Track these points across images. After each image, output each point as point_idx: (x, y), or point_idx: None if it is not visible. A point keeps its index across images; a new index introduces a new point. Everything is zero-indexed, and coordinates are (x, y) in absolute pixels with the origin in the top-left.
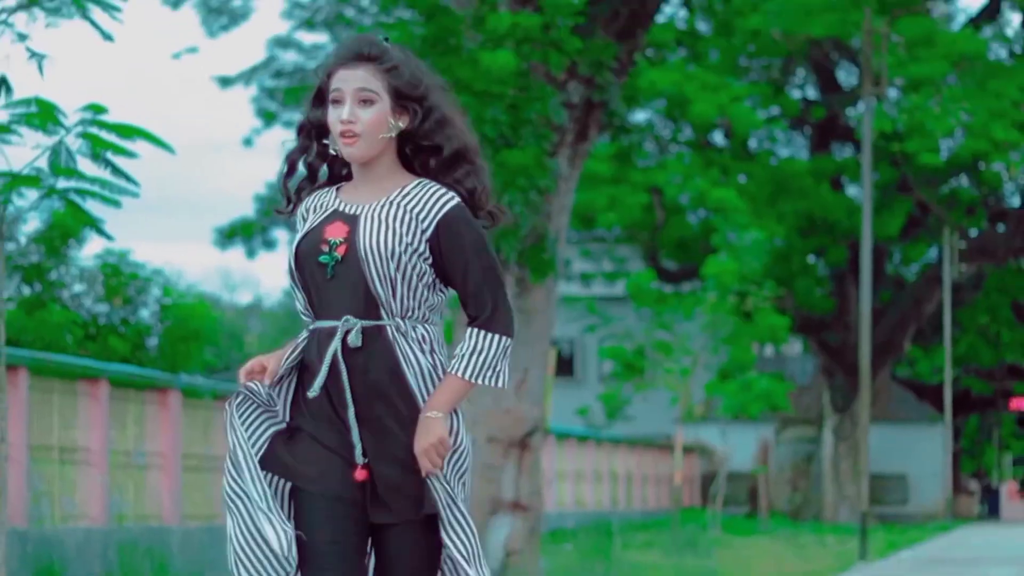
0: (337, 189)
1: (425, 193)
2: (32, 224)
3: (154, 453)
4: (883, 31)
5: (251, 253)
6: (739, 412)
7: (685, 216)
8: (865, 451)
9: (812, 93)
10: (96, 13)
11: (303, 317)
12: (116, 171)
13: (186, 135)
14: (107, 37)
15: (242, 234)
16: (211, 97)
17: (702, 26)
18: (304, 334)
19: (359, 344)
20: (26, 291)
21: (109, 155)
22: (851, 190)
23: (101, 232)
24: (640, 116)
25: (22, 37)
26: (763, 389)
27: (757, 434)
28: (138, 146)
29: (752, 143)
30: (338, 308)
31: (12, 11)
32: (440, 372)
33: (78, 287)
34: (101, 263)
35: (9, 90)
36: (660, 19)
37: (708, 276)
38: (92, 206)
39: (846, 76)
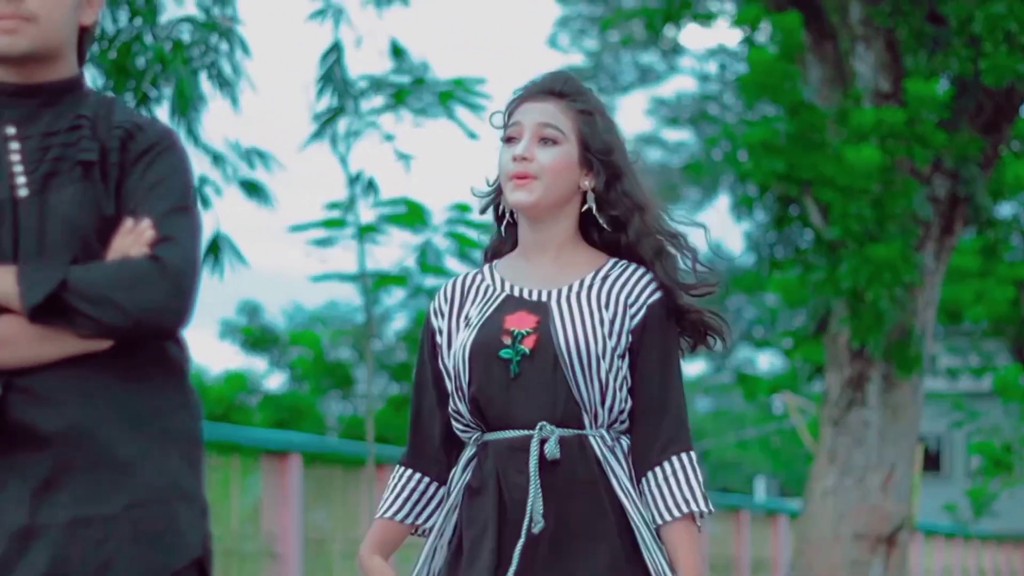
0: (490, 269)
1: (632, 275)
2: (399, 322)
3: None
4: None
5: None
6: None
7: None
8: None
9: None
10: (461, 112)
11: (459, 431)
12: None
13: None
14: (472, 135)
15: None
16: None
17: None
18: (469, 452)
19: (557, 456)
20: (394, 389)
21: (476, 253)
22: None
23: None
24: (1006, 210)
25: (389, 138)
26: None
27: None
28: None
29: None
30: (525, 414)
31: (380, 112)
32: (636, 492)
33: None
34: None
35: (376, 190)
36: None
37: None
38: None
39: None
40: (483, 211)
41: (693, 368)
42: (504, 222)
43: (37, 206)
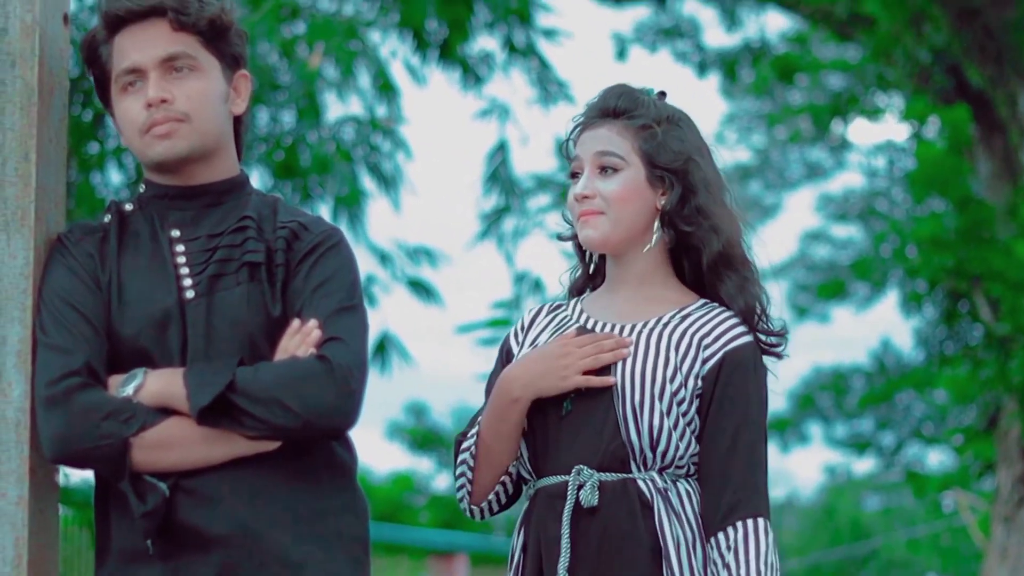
0: (576, 302)
1: (715, 317)
2: None
3: None
4: None
5: (785, 448)
6: None
7: None
8: None
9: None
10: None
11: (527, 474)
12: None
13: None
14: None
15: (776, 429)
16: None
17: None
18: (524, 506)
19: (594, 504)
20: None
21: None
22: None
23: None
24: None
25: (555, 236)
26: None
27: None
28: None
29: None
30: (570, 458)
31: (546, 211)
32: (699, 547)
33: None
34: None
35: (543, 289)
36: None
37: None
38: None
39: None
40: (562, 239)
41: (862, 466)
42: (589, 257)
43: (204, 308)
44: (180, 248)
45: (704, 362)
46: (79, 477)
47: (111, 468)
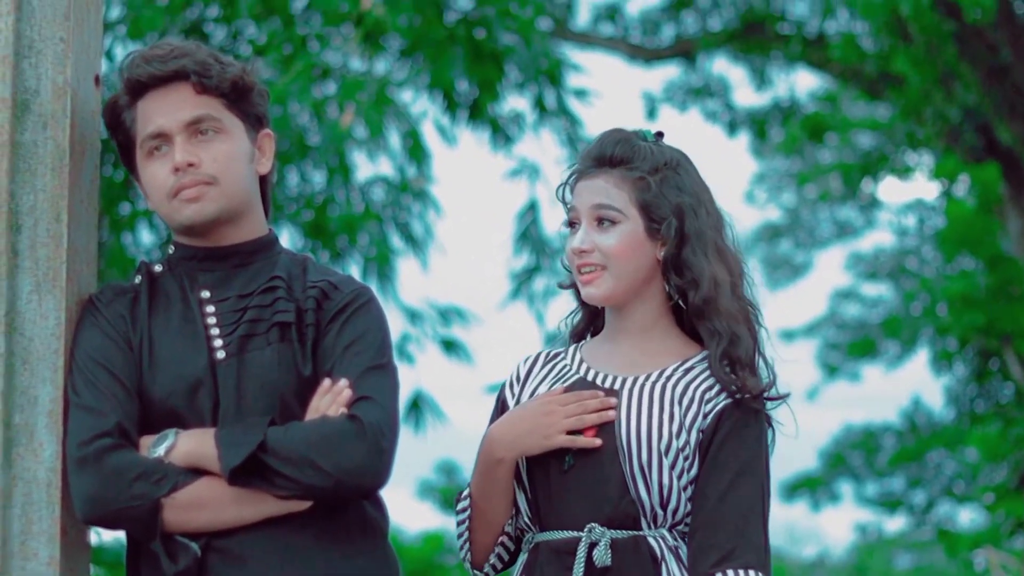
0: (575, 349)
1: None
2: None
3: None
4: None
5: (816, 507)
6: None
7: None
8: None
9: None
10: None
11: (525, 527)
12: None
13: None
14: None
15: (807, 487)
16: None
17: None
18: (522, 558)
19: (608, 563)
20: None
21: None
22: None
23: None
24: None
25: None
26: None
27: None
28: None
29: None
30: (576, 513)
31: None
32: None
33: None
34: None
35: None
36: None
37: None
38: None
39: None
40: (562, 287)
41: (893, 524)
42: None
43: (235, 368)
44: (210, 309)
45: (704, 416)
46: (111, 537)
47: (142, 528)
